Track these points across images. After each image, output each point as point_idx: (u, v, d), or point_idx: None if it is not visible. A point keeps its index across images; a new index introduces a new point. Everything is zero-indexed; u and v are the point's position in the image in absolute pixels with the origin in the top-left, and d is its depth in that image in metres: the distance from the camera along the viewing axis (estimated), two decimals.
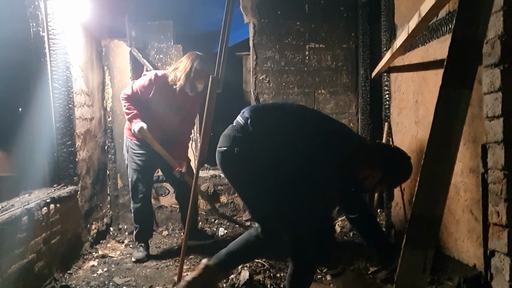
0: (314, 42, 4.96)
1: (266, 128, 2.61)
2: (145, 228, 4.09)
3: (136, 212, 4.03)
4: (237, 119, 2.72)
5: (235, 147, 2.58)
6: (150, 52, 5.03)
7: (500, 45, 1.89)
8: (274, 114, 2.75)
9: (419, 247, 1.47)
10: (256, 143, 2.57)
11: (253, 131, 2.59)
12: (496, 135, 1.96)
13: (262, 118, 2.67)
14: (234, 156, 2.58)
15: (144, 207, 4.06)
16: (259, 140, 2.57)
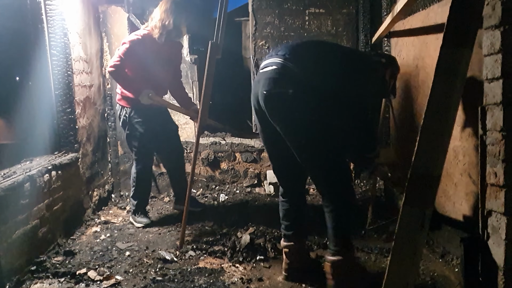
0: (314, 7, 4.89)
1: (306, 64, 2.57)
2: (144, 195, 4.13)
3: (138, 180, 4.05)
4: (268, 61, 2.64)
5: (287, 89, 2.49)
6: (148, 18, 4.96)
7: (500, 6, 1.87)
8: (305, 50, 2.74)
9: (417, 205, 1.49)
10: (303, 80, 2.51)
11: (297, 70, 2.52)
12: (495, 97, 1.95)
13: (298, 56, 2.61)
14: (289, 97, 2.49)
15: (146, 175, 4.12)
16: (305, 77, 2.51)
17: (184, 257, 3.22)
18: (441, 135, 1.50)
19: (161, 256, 3.16)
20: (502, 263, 1.98)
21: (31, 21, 3.54)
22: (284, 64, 2.54)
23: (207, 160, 5.13)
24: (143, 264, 3.10)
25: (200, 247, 3.34)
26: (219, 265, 3.06)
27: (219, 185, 5.11)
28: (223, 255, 3.21)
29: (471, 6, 1.51)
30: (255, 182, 5.10)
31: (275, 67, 2.56)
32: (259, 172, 5.14)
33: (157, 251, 3.28)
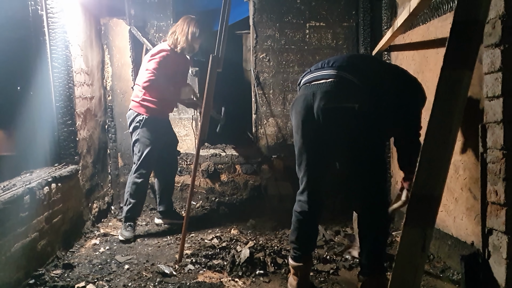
0: (314, 20, 4.92)
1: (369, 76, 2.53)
2: (138, 205, 4.10)
3: (137, 187, 4.03)
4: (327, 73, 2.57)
5: (354, 103, 2.42)
6: (149, 31, 5.00)
7: (501, 25, 1.89)
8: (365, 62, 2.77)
9: (418, 226, 1.48)
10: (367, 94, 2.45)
11: (360, 82, 2.47)
12: (495, 115, 1.96)
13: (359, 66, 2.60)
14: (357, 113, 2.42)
15: (144, 185, 4.09)
16: (369, 90, 2.46)
17: (183, 271, 3.20)
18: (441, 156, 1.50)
19: (160, 270, 3.15)
20: (504, 283, 1.97)
21: (33, 33, 3.55)
22: (341, 75, 2.50)
23: (207, 171, 5.12)
24: (142, 277, 3.08)
25: (200, 261, 3.32)
26: (219, 280, 3.04)
27: (219, 197, 5.09)
28: (223, 269, 3.20)
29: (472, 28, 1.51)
30: (255, 194, 5.09)
31: (333, 80, 2.51)
32: (259, 184, 5.13)
33: (156, 265, 3.27)
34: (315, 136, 2.65)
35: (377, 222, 2.61)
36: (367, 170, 2.57)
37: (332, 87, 2.49)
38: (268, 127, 5.02)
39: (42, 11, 3.54)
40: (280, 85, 4.98)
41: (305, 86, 2.67)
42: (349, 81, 2.48)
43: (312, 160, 2.74)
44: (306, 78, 2.71)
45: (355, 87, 2.46)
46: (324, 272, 3.12)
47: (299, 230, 2.81)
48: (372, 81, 2.51)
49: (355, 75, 2.49)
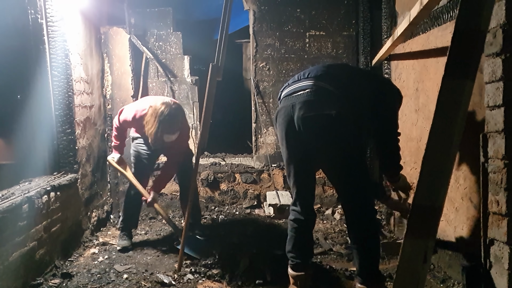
0: (314, 30, 4.93)
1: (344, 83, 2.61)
2: (132, 216, 4.09)
3: (128, 201, 4.02)
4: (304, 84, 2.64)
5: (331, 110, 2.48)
6: (149, 39, 5.01)
7: (502, 34, 1.88)
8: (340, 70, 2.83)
9: (420, 237, 1.47)
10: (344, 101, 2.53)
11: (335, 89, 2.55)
12: (497, 125, 1.95)
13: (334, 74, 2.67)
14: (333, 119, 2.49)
15: (137, 199, 4.01)
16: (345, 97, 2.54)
17: (183, 280, 3.18)
18: (443, 167, 1.49)
19: (159, 280, 3.12)
20: None
21: (33, 42, 3.56)
22: (318, 84, 2.58)
23: (207, 180, 5.12)
24: (141, 287, 3.06)
25: (199, 270, 3.30)
26: None
27: (218, 206, 5.08)
28: (222, 278, 3.17)
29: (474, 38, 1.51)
30: (255, 204, 5.07)
31: (309, 90, 2.58)
32: (259, 193, 5.12)
33: (155, 274, 3.25)
34: (298, 145, 2.71)
35: (365, 228, 2.63)
36: (348, 176, 2.63)
37: (310, 97, 2.56)
38: (268, 136, 5.02)
39: (42, 19, 3.54)
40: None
41: (285, 98, 2.74)
42: (325, 90, 2.56)
43: (299, 169, 2.79)
44: (285, 92, 2.79)
45: (331, 94, 2.54)
46: (325, 282, 3.10)
47: (294, 239, 2.85)
48: (347, 87, 2.60)
49: (331, 83, 2.57)
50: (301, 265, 2.84)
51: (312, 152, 2.69)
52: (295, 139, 2.69)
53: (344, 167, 2.62)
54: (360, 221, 2.64)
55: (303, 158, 2.75)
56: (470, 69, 1.51)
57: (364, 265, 2.64)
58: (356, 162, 2.61)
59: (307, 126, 2.58)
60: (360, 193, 2.63)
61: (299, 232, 2.84)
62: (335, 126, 2.52)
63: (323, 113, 2.50)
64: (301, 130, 2.61)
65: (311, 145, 2.65)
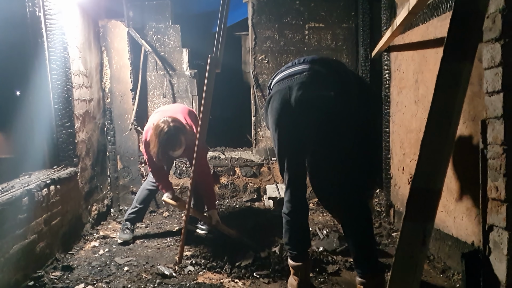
0: (313, 22, 4.92)
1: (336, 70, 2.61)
2: (143, 210, 4.10)
3: (147, 194, 4.05)
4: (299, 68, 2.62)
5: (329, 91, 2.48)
6: (148, 33, 5.00)
7: (501, 19, 1.87)
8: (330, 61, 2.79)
9: (418, 220, 1.47)
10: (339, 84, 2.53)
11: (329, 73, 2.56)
12: (496, 111, 1.95)
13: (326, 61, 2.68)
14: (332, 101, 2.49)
15: (154, 193, 4.10)
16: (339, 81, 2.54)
17: (183, 272, 3.18)
18: (442, 149, 1.49)
19: (160, 271, 3.13)
20: (504, 279, 1.95)
21: (31, 35, 3.55)
22: (314, 68, 2.57)
23: None
24: (141, 279, 3.07)
25: (199, 262, 3.30)
26: (218, 281, 3.03)
27: (218, 199, 5.08)
28: (222, 270, 3.18)
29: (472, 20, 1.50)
30: (255, 197, 5.07)
31: (307, 72, 2.57)
32: (259, 187, 5.12)
33: (156, 266, 3.25)
34: (293, 129, 2.66)
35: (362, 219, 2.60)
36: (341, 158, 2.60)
37: (307, 78, 2.55)
38: (267, 129, 5.00)
39: (40, 12, 3.53)
40: None
41: (279, 83, 2.69)
42: (321, 72, 2.56)
43: (292, 157, 2.75)
44: (278, 77, 2.73)
45: (326, 77, 2.55)
46: (325, 273, 3.10)
47: (290, 232, 2.83)
48: (338, 73, 2.60)
49: (327, 69, 2.58)
50: (299, 256, 2.83)
51: (306, 137, 2.64)
52: (291, 122, 2.63)
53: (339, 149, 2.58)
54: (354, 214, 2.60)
55: (296, 146, 2.71)
56: (468, 51, 1.51)
57: (361, 257, 2.61)
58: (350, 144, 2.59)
59: (305, 107, 2.54)
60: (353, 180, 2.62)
61: (294, 224, 2.82)
62: (334, 107, 2.50)
63: (321, 94, 2.49)
64: (298, 111, 2.56)
65: (307, 129, 2.61)
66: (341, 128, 2.55)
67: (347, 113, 2.54)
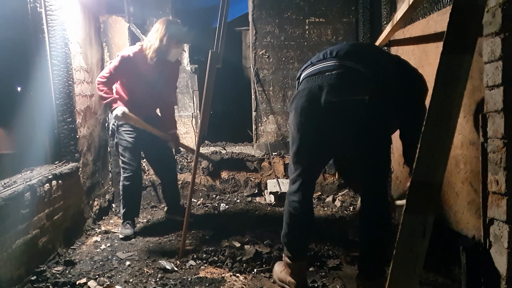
0: (314, 16, 4.92)
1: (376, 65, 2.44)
2: (132, 206, 4.09)
3: (125, 190, 4.02)
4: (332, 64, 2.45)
5: (363, 95, 2.31)
6: (148, 28, 4.99)
7: (501, 13, 1.87)
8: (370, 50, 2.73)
9: (419, 213, 1.48)
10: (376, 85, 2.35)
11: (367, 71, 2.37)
12: (496, 104, 1.95)
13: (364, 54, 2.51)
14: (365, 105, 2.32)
15: (133, 186, 4.04)
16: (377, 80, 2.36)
17: (185, 266, 3.20)
18: (442, 141, 1.49)
19: (162, 266, 3.15)
20: (505, 272, 1.96)
21: (32, 31, 3.55)
22: (346, 65, 2.41)
23: (208, 169, 5.13)
24: (143, 273, 3.08)
25: (201, 257, 3.32)
26: (220, 275, 3.04)
27: (219, 194, 5.10)
28: (224, 264, 3.19)
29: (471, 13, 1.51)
30: (256, 192, 5.09)
31: (338, 71, 2.40)
32: (260, 182, 5.13)
33: (158, 261, 3.26)
34: (319, 133, 2.52)
35: (378, 222, 2.52)
36: (374, 167, 2.50)
37: (339, 79, 2.38)
38: (268, 124, 5.02)
39: (41, 8, 3.53)
40: (280, 82, 4.98)
41: (308, 79, 2.52)
42: (354, 71, 2.38)
43: (311, 161, 2.64)
44: (308, 71, 2.57)
45: (361, 76, 2.37)
46: (326, 267, 3.11)
47: (292, 229, 2.74)
48: (376, 68, 2.41)
49: (360, 63, 2.40)
50: (297, 255, 2.75)
51: (333, 143, 2.53)
52: (318, 125, 2.49)
53: (372, 159, 2.47)
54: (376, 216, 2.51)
55: (319, 151, 2.59)
56: (468, 44, 1.51)
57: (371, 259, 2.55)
58: (384, 154, 2.50)
59: (336, 112, 2.39)
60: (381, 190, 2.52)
61: (298, 223, 2.71)
62: (367, 114, 2.34)
63: (354, 98, 2.34)
64: (327, 116, 2.41)
65: (335, 133, 2.48)
66: (374, 136, 2.42)
67: (383, 119, 2.41)
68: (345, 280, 2.93)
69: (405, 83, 2.53)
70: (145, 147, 4.08)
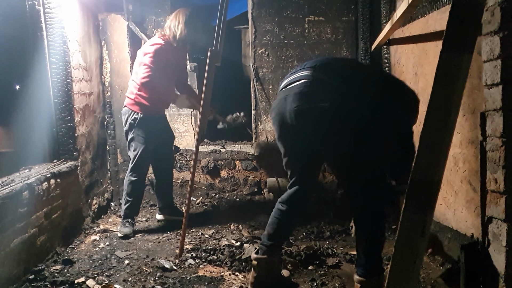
0: (313, 15, 4.90)
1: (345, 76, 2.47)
2: (135, 203, 4.08)
3: (131, 186, 4.00)
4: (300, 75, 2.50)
5: (324, 103, 2.34)
6: (147, 26, 4.99)
7: (500, 12, 1.87)
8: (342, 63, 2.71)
9: (418, 211, 1.47)
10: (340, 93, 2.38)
11: (332, 81, 2.41)
12: (495, 103, 1.95)
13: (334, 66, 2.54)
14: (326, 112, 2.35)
15: (140, 183, 4.06)
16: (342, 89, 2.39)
17: (184, 265, 3.20)
18: (441, 140, 1.49)
19: (161, 265, 3.14)
20: (503, 270, 1.97)
21: (31, 29, 3.54)
22: (315, 75, 2.45)
23: (207, 168, 5.12)
24: (142, 272, 3.08)
25: (200, 256, 3.31)
26: (219, 274, 3.04)
27: (219, 193, 5.09)
28: (223, 263, 3.19)
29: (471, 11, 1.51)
30: (255, 190, 5.08)
31: (304, 80, 2.46)
32: (259, 180, 5.12)
33: (157, 260, 3.26)
34: (293, 140, 2.63)
35: (369, 222, 2.51)
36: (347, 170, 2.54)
37: (303, 88, 2.45)
38: (268, 123, 5.00)
39: (39, 6, 3.53)
40: (279, 80, 4.92)
41: (280, 92, 2.64)
42: (321, 81, 2.43)
43: (297, 164, 2.72)
44: (282, 84, 2.67)
45: (327, 86, 2.41)
46: (325, 265, 3.11)
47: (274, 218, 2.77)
48: (347, 78, 2.46)
49: (329, 74, 2.45)
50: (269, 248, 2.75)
51: (308, 145, 2.57)
52: (290, 133, 2.60)
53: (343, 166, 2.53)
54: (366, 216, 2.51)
55: (299, 153, 2.66)
56: (468, 43, 1.51)
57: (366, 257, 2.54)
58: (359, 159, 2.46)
59: (299, 120, 2.46)
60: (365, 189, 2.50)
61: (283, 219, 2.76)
62: (328, 120, 2.39)
63: (315, 106, 2.38)
64: (294, 124, 2.50)
65: (306, 140, 2.55)
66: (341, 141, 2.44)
67: (348, 123, 2.39)
68: (344, 279, 2.93)
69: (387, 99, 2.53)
70: (155, 144, 4.09)
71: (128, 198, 4.02)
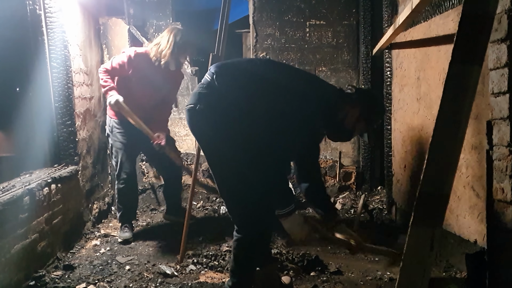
0: (314, 19, 4.90)
1: (233, 82, 2.42)
2: (129, 209, 4.05)
3: (120, 193, 3.99)
4: (204, 77, 2.51)
5: (198, 104, 2.36)
6: (148, 30, 4.98)
7: (507, 20, 1.85)
8: (240, 67, 2.59)
9: (426, 225, 1.46)
10: (222, 98, 2.36)
11: (219, 86, 2.37)
12: (501, 112, 1.94)
13: (228, 73, 2.49)
14: (197, 113, 2.37)
15: (128, 188, 4.00)
16: (225, 95, 2.36)
17: (185, 271, 3.18)
18: (450, 154, 1.48)
19: (162, 270, 3.12)
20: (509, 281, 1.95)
21: (32, 33, 3.53)
22: (209, 80, 2.44)
23: (208, 171, 5.10)
24: (143, 278, 3.06)
25: (201, 261, 3.30)
26: (220, 280, 3.02)
27: (220, 197, 5.07)
28: (224, 269, 3.17)
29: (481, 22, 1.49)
30: None
31: (201, 83, 2.49)
32: None
33: (158, 265, 3.24)
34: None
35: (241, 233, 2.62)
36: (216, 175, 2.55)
37: (196, 89, 2.50)
38: None
39: (40, 10, 3.51)
40: None
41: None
42: (209, 84, 2.42)
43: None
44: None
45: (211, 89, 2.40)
46: (327, 271, 3.10)
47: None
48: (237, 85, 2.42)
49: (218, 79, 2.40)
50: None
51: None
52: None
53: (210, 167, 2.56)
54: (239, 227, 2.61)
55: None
56: (477, 54, 1.50)
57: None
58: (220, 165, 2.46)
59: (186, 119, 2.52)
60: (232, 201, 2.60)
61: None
62: (195, 121, 2.43)
63: (190, 106, 2.40)
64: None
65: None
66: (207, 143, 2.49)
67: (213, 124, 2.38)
68: (347, 285, 2.92)
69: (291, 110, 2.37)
70: (144, 147, 4.04)
71: (120, 205, 4.00)
